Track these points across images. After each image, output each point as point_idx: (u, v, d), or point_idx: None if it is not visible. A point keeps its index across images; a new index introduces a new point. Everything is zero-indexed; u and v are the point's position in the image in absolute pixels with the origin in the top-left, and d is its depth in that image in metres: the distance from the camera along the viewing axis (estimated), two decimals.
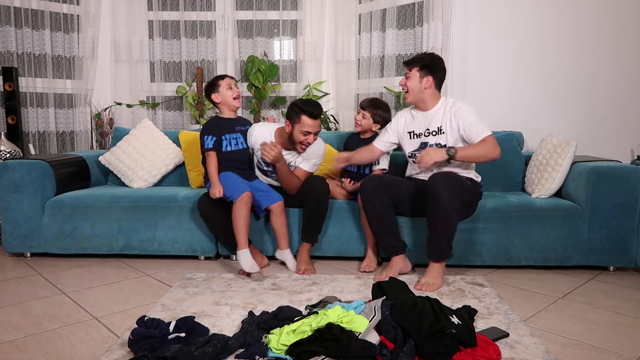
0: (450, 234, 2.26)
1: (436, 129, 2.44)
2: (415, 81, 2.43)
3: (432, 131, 2.46)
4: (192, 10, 4.10)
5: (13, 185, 2.73)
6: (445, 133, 2.42)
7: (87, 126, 4.11)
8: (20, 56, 3.80)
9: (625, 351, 1.67)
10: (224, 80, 2.55)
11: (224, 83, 2.55)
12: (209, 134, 2.51)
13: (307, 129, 2.45)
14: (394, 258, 2.45)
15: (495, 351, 1.59)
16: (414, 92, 2.45)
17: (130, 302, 2.13)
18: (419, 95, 2.45)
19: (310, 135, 2.47)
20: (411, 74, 2.44)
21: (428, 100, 2.47)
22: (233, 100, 2.55)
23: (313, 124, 2.45)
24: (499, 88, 3.53)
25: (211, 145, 2.49)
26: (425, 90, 2.44)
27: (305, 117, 2.43)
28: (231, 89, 2.55)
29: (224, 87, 2.55)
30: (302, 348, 1.54)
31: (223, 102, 2.56)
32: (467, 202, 2.36)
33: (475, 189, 2.43)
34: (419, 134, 2.50)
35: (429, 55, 2.48)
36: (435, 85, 2.45)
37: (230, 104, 2.56)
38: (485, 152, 2.31)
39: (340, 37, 3.99)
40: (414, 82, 2.44)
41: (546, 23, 3.37)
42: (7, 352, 1.66)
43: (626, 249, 2.48)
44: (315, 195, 2.50)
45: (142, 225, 2.72)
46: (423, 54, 2.52)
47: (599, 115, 3.28)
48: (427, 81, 2.42)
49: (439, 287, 2.25)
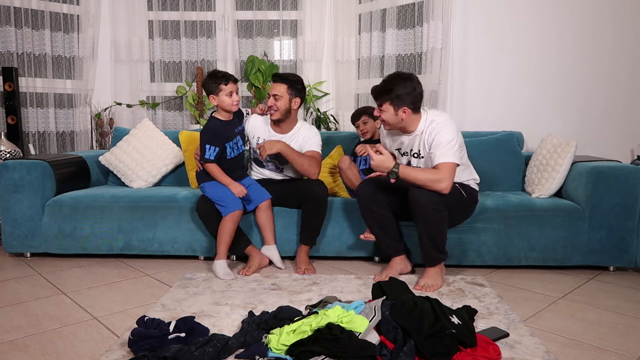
0: (438, 241, 2.24)
1: (417, 151, 2.34)
2: (390, 114, 2.26)
3: (414, 153, 2.35)
4: (192, 10, 4.10)
5: (13, 185, 2.73)
6: (424, 157, 2.31)
7: (87, 126, 4.11)
8: (20, 56, 3.80)
9: (625, 351, 1.67)
10: (227, 86, 2.42)
11: (226, 89, 2.42)
12: (212, 144, 2.44)
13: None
14: (394, 258, 2.45)
15: (495, 351, 1.59)
16: (392, 123, 2.30)
17: (130, 302, 2.13)
18: (398, 125, 2.30)
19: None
20: (383, 107, 2.26)
21: (409, 126, 2.30)
22: (231, 106, 2.46)
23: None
24: (499, 88, 3.53)
25: (212, 158, 2.45)
26: (403, 121, 2.27)
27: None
28: (231, 97, 2.44)
29: (224, 93, 2.43)
30: (302, 348, 1.54)
31: (220, 106, 2.47)
32: (461, 209, 2.35)
33: (470, 196, 2.39)
34: (404, 152, 2.42)
35: (398, 82, 2.22)
36: (413, 111, 2.25)
37: (227, 109, 2.48)
38: (429, 180, 2.15)
39: (340, 37, 3.99)
40: (389, 116, 2.26)
41: (546, 23, 3.38)
42: (7, 352, 1.66)
43: (626, 249, 2.48)
44: (314, 198, 2.50)
45: (142, 225, 2.72)
46: (390, 80, 2.25)
47: (599, 115, 3.28)
48: (403, 112, 2.24)
49: (438, 288, 2.25)
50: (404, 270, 2.46)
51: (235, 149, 2.55)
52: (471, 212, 2.47)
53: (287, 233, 2.68)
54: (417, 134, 2.32)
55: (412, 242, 2.57)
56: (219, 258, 2.45)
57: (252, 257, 2.56)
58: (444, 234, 2.25)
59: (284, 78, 2.58)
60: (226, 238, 2.45)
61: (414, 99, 2.24)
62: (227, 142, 2.51)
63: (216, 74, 2.45)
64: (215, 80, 2.43)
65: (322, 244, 2.69)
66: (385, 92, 2.24)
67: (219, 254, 2.46)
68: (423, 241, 2.25)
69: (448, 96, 3.56)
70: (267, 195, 2.60)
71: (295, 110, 2.65)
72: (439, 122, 2.26)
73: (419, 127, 2.30)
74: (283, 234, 2.68)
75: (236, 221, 2.46)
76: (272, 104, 2.56)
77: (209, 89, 2.46)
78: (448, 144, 2.19)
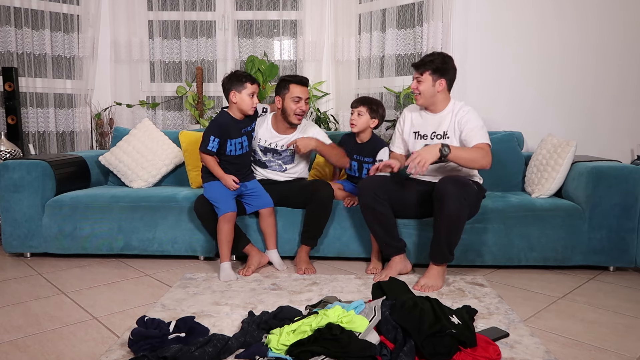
0: (454, 241, 2.24)
1: (442, 133, 2.40)
2: (427, 85, 2.37)
3: (437, 134, 2.42)
4: (192, 10, 4.10)
5: (13, 185, 2.73)
6: (450, 138, 2.38)
7: (87, 126, 4.11)
8: (20, 56, 3.80)
9: (625, 351, 1.67)
10: (252, 86, 2.44)
11: (250, 89, 2.43)
12: (216, 135, 2.45)
13: (298, 94, 2.55)
14: (394, 258, 2.45)
15: (495, 351, 1.59)
16: (427, 96, 2.39)
17: (130, 302, 2.13)
18: (431, 99, 2.40)
19: (301, 102, 2.56)
20: (423, 77, 2.37)
21: (439, 103, 2.41)
22: (250, 107, 2.46)
23: (302, 90, 2.57)
24: (499, 88, 3.53)
25: (211, 149, 2.45)
26: (437, 94, 2.38)
27: (293, 85, 2.57)
28: (252, 98, 2.45)
29: (248, 92, 2.43)
30: (302, 348, 1.54)
31: (239, 105, 2.46)
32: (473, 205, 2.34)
33: (481, 192, 2.41)
34: (423, 135, 2.46)
35: (440, 57, 2.38)
36: (447, 87, 2.40)
37: (244, 110, 2.47)
38: (478, 157, 2.21)
39: (340, 37, 3.99)
40: (426, 86, 2.37)
41: (547, 22, 3.37)
42: (7, 352, 1.66)
43: (626, 249, 2.48)
44: (320, 199, 2.50)
45: (142, 225, 2.72)
46: (432, 55, 2.41)
47: (599, 115, 3.28)
48: (440, 84, 2.36)
49: (438, 289, 2.25)
50: (404, 270, 2.46)
51: (238, 148, 2.54)
52: (479, 208, 2.45)
53: (288, 233, 2.68)
54: (446, 113, 2.41)
55: (414, 241, 2.57)
56: (222, 260, 2.46)
57: (252, 257, 2.57)
58: (460, 232, 2.24)
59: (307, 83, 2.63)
60: (224, 240, 2.46)
61: (451, 77, 2.41)
62: (231, 138, 2.51)
63: (241, 73, 2.49)
64: (241, 78, 2.45)
65: (322, 244, 2.69)
66: (429, 63, 2.37)
67: (222, 257, 2.47)
68: (440, 237, 2.22)
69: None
70: (269, 202, 2.60)
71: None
72: (469, 109, 2.38)
73: (448, 107, 2.42)
74: (283, 234, 2.68)
75: (230, 222, 2.46)
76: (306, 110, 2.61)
77: (232, 84, 2.45)
78: (482, 128, 2.31)
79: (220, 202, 2.46)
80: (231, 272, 2.43)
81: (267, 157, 2.68)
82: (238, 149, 2.54)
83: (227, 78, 2.48)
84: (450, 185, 2.17)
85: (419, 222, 2.57)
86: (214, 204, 2.47)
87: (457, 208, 2.16)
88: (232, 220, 2.48)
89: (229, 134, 2.49)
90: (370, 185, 2.38)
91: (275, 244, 2.62)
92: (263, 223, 2.61)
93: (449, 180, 2.20)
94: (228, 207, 2.46)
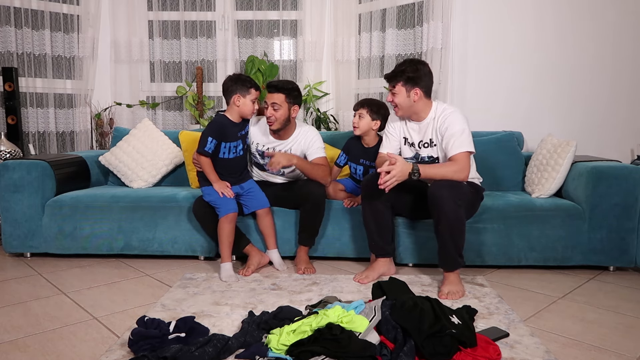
0: (460, 244, 2.19)
1: (428, 141, 2.35)
2: (402, 96, 2.29)
3: (425, 143, 2.36)
4: (192, 10, 4.10)
5: (13, 185, 2.73)
6: (436, 144, 2.32)
7: (87, 126, 4.11)
8: (20, 56, 3.80)
9: (625, 351, 1.67)
10: (256, 92, 2.46)
11: (253, 95, 2.45)
12: (214, 137, 2.44)
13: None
14: (379, 259, 2.42)
15: (495, 351, 1.59)
16: (404, 107, 2.32)
17: (130, 302, 2.13)
18: (409, 109, 2.32)
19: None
20: (396, 89, 2.29)
21: (420, 112, 2.33)
22: (251, 112, 2.47)
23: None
24: (499, 88, 3.53)
25: (208, 150, 2.44)
26: (414, 104, 2.30)
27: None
28: (253, 104, 2.46)
29: (251, 98, 2.44)
30: (302, 348, 1.54)
31: (241, 109, 2.46)
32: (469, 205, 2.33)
33: (477, 193, 2.38)
34: (412, 143, 2.42)
35: (411, 65, 2.29)
36: (425, 94, 2.30)
37: (245, 115, 2.48)
38: (450, 172, 2.16)
39: (340, 37, 3.99)
40: (401, 98, 2.29)
41: (546, 22, 3.38)
42: (7, 352, 1.66)
43: (626, 249, 2.48)
44: (312, 199, 2.50)
45: (142, 225, 2.72)
46: (403, 64, 2.32)
47: (599, 115, 3.28)
48: (415, 94, 2.27)
49: (463, 294, 2.18)
50: (387, 273, 2.43)
51: (232, 151, 2.53)
52: (477, 208, 2.45)
53: (286, 233, 2.68)
54: (428, 121, 2.34)
55: (412, 241, 2.57)
56: (223, 261, 2.46)
57: (252, 257, 2.57)
58: (463, 234, 2.20)
59: (280, 87, 2.51)
60: (225, 240, 2.46)
61: (426, 83, 2.30)
62: (226, 141, 2.50)
63: (246, 77, 2.47)
64: (246, 83, 2.45)
65: (322, 245, 2.69)
66: (398, 74, 2.29)
67: (223, 257, 2.46)
68: (445, 243, 2.17)
69: (448, 96, 3.55)
70: (265, 203, 2.61)
71: (294, 117, 2.62)
72: (451, 111, 2.30)
73: (431, 114, 2.33)
74: (282, 234, 2.68)
75: (232, 222, 2.46)
76: (271, 114, 2.50)
77: (237, 88, 2.44)
78: (462, 133, 2.22)
79: (221, 204, 2.45)
80: (232, 272, 2.43)
81: (265, 161, 2.66)
82: (232, 152, 2.52)
83: (232, 81, 2.46)
84: (442, 190, 2.13)
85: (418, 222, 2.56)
86: (215, 206, 2.47)
87: (453, 211, 2.12)
88: (234, 221, 2.48)
89: (226, 137, 2.48)
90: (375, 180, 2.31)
91: (275, 243, 2.62)
92: (261, 223, 2.62)
93: (440, 185, 2.15)
94: (229, 207, 2.46)
